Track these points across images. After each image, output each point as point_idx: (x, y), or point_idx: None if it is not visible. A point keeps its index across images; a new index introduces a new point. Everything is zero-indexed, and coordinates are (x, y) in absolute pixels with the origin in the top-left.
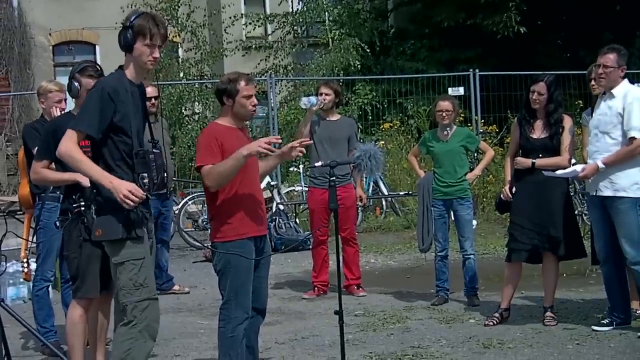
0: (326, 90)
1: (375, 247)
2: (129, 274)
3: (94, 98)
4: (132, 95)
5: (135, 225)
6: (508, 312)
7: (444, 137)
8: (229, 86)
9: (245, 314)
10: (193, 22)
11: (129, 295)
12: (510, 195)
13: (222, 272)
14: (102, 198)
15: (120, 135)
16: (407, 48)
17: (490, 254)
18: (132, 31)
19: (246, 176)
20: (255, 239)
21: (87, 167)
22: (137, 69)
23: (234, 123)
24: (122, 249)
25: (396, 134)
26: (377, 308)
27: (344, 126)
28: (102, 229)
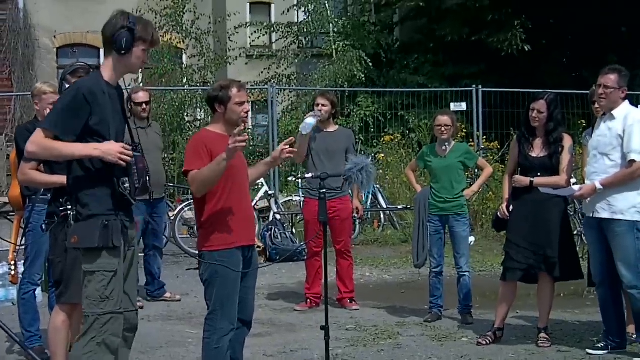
0: (323, 101)
1: (371, 261)
2: (98, 284)
3: (67, 98)
4: (110, 97)
5: (114, 234)
6: (502, 331)
7: (442, 152)
8: (220, 93)
9: (231, 325)
10: (198, 29)
11: (93, 306)
12: (508, 213)
13: (209, 281)
14: (80, 204)
15: (98, 138)
16: (411, 62)
17: (487, 272)
18: (133, 34)
19: (235, 185)
20: (243, 248)
21: (64, 149)
22: (120, 71)
23: (225, 130)
24: (96, 258)
25: (397, 147)
26: (369, 323)
27: (341, 137)
28: (78, 236)
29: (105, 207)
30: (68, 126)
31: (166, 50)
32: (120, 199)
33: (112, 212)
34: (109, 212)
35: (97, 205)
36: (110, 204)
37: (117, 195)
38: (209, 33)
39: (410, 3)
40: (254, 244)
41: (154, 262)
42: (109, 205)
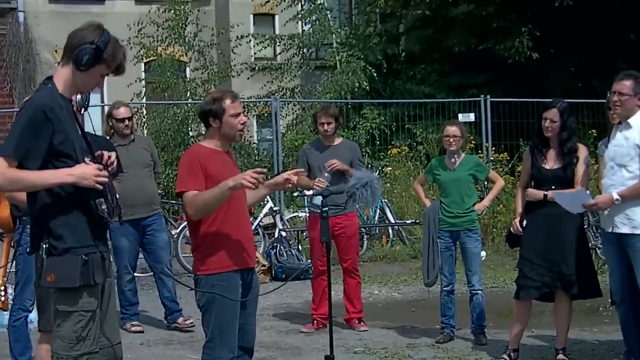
0: (326, 119)
1: (379, 278)
2: (74, 326)
3: (24, 118)
4: (67, 111)
5: (94, 270)
6: (517, 353)
7: (452, 165)
8: (213, 106)
9: (231, 353)
10: (201, 41)
11: (68, 348)
12: (521, 228)
13: (206, 307)
14: (52, 237)
15: (65, 159)
16: (417, 72)
17: (500, 288)
18: (100, 55)
19: (232, 205)
20: (242, 271)
21: (34, 178)
22: (73, 86)
23: (220, 146)
24: (76, 298)
25: (404, 160)
26: (379, 345)
27: (345, 151)
28: (55, 274)
29: (83, 239)
30: (32, 150)
31: (168, 63)
32: (98, 225)
33: (92, 244)
34: (88, 245)
35: (73, 236)
36: (88, 234)
37: (95, 221)
38: (212, 45)
39: (416, 12)
40: (254, 267)
41: (161, 286)
42: (86, 236)
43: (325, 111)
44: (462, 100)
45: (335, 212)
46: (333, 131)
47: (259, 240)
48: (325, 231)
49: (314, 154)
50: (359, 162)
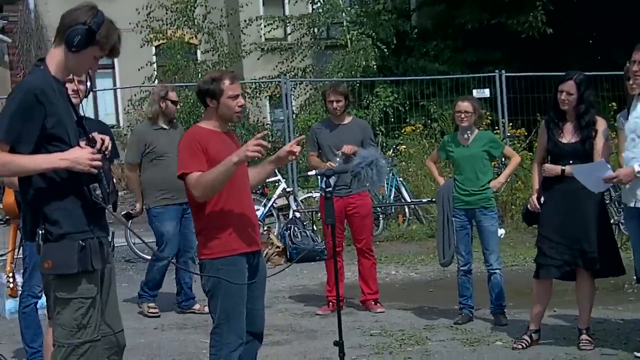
0: (336, 97)
1: (396, 258)
2: (74, 313)
3: (15, 101)
4: (60, 94)
5: (92, 256)
6: (538, 333)
7: (465, 141)
8: (211, 86)
9: (239, 339)
10: (210, 22)
11: (69, 336)
12: (539, 205)
13: (212, 292)
14: (48, 222)
15: (57, 143)
16: (430, 49)
17: (520, 266)
18: (92, 36)
19: (234, 186)
20: (247, 255)
21: (26, 162)
22: (66, 68)
23: (218, 126)
24: (74, 285)
25: (419, 138)
26: (396, 327)
27: (356, 129)
28: (51, 260)
29: (79, 224)
30: (23, 134)
31: (178, 46)
32: (93, 210)
33: (88, 229)
34: (85, 230)
35: (69, 222)
36: (84, 219)
37: (89, 206)
38: (221, 27)
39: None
40: (259, 250)
41: (184, 271)
42: (82, 221)
43: (334, 89)
44: (476, 76)
45: (347, 192)
46: (343, 109)
47: (273, 221)
48: (329, 212)
49: (324, 133)
50: (370, 141)
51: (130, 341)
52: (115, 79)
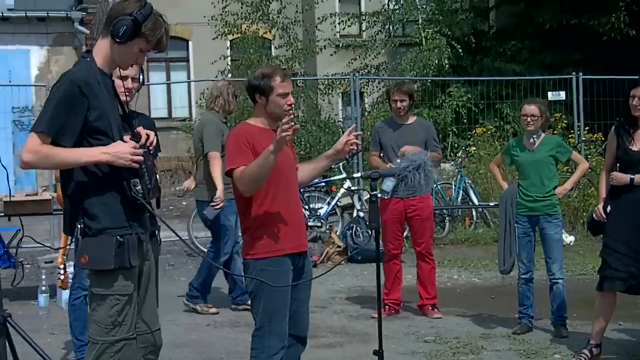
0: (400, 96)
1: (460, 262)
2: (110, 310)
3: (58, 93)
4: (105, 87)
5: (130, 252)
6: (599, 348)
7: (530, 145)
8: (262, 82)
9: (281, 342)
10: (285, 18)
11: (104, 333)
12: (605, 215)
13: (255, 293)
14: (87, 216)
15: (99, 137)
16: (507, 49)
17: (588, 275)
18: (138, 28)
19: (281, 185)
20: (293, 256)
21: (67, 155)
22: (112, 61)
23: (267, 124)
24: (111, 281)
25: (490, 140)
26: (451, 334)
27: (419, 130)
28: (88, 255)
29: (118, 219)
30: (66, 126)
31: (251, 40)
32: (132, 206)
33: (127, 225)
34: (123, 226)
35: (108, 217)
36: (123, 215)
37: (129, 201)
38: (296, 22)
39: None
40: (306, 251)
41: (234, 265)
42: (122, 216)
43: (398, 88)
44: (553, 78)
45: (408, 194)
46: (406, 109)
47: (336, 220)
48: (374, 216)
49: (387, 133)
50: (434, 142)
51: (181, 337)
52: (189, 71)
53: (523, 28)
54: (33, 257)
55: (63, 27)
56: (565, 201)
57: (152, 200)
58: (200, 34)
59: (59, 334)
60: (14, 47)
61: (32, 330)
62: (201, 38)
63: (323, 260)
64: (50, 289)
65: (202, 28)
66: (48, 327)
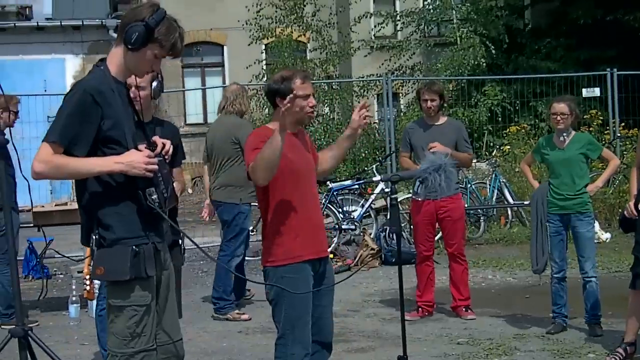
0: (430, 96)
1: (495, 262)
2: (128, 321)
3: (72, 102)
4: (120, 96)
5: (146, 262)
6: (634, 346)
7: (561, 143)
8: (282, 85)
9: (305, 350)
10: (319, 20)
11: (122, 345)
12: (636, 212)
13: (276, 301)
14: (102, 227)
15: (114, 146)
16: (542, 47)
17: (624, 273)
18: (150, 33)
19: (299, 189)
20: (313, 262)
21: (80, 165)
22: (126, 68)
23: (288, 128)
24: (127, 292)
25: (526, 138)
26: (484, 335)
27: (449, 130)
28: (104, 267)
29: (133, 229)
30: (79, 136)
31: (286, 44)
32: (148, 216)
33: (143, 234)
34: (139, 235)
35: (123, 227)
36: (138, 224)
37: (144, 211)
38: (330, 24)
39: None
40: (327, 256)
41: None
42: (137, 226)
43: (429, 87)
44: (588, 75)
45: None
46: (437, 109)
47: (370, 222)
48: (395, 219)
49: (417, 133)
50: (464, 142)
51: (212, 345)
52: (224, 76)
53: (558, 25)
54: (67, 267)
55: (98, 35)
56: (601, 198)
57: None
58: (235, 38)
59: (89, 344)
60: (49, 56)
61: (62, 342)
62: (236, 43)
63: (357, 263)
64: (81, 300)
65: (236, 33)
66: (79, 337)
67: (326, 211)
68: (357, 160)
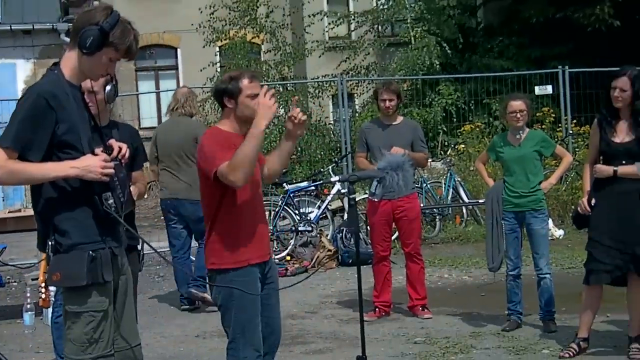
0: (388, 95)
1: (450, 261)
2: (85, 327)
3: (25, 106)
4: (74, 100)
5: (103, 268)
6: (587, 341)
7: (516, 141)
8: (229, 85)
9: (257, 352)
10: (272, 22)
11: (80, 352)
12: (589, 208)
13: (225, 306)
14: (58, 232)
15: (69, 151)
16: (495, 45)
17: (577, 269)
18: (105, 38)
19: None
20: (259, 265)
21: (34, 171)
22: (80, 72)
23: (238, 129)
24: (84, 297)
25: (480, 137)
26: (441, 334)
27: (406, 130)
28: (60, 273)
29: (90, 234)
30: (33, 141)
31: (240, 46)
32: (105, 220)
33: (99, 239)
34: (95, 240)
35: (79, 232)
36: (95, 229)
37: (101, 216)
38: (284, 26)
39: None
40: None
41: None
42: (94, 231)
43: (387, 87)
44: (540, 73)
45: (387, 196)
46: (395, 108)
47: (326, 224)
48: (353, 220)
49: (374, 133)
50: (420, 142)
51: (170, 350)
52: (178, 79)
53: (510, 24)
54: (20, 275)
55: (49, 39)
56: (554, 195)
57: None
58: (188, 41)
59: (44, 352)
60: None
61: (17, 350)
62: (190, 46)
63: (314, 264)
64: (36, 307)
65: (190, 35)
66: (33, 345)
67: (282, 213)
68: (313, 162)
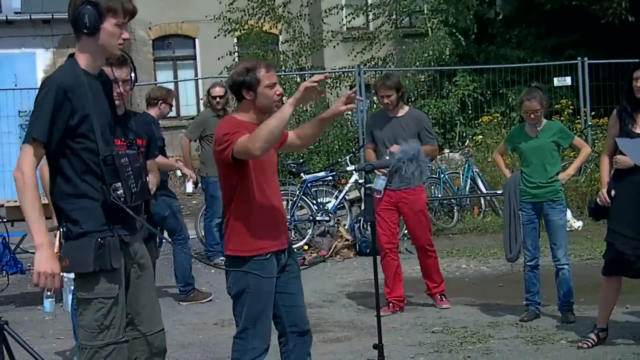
0: (385, 92)
1: (468, 251)
2: (96, 314)
3: (47, 98)
4: (91, 89)
5: (111, 254)
6: (605, 332)
7: (533, 132)
8: (247, 77)
9: (264, 343)
10: (290, 12)
11: (91, 338)
12: (609, 199)
13: (239, 296)
14: (69, 221)
15: (82, 140)
16: (513, 36)
17: (596, 260)
18: (98, 8)
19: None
20: (277, 254)
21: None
22: (97, 55)
23: (256, 119)
24: (93, 284)
25: (497, 127)
26: (459, 323)
27: (411, 122)
28: (69, 259)
29: (97, 222)
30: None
31: (257, 36)
32: (115, 209)
33: (107, 228)
34: (103, 228)
35: (88, 220)
36: (102, 217)
37: (109, 205)
38: (302, 16)
39: None
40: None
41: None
42: (102, 220)
43: (382, 83)
44: (558, 64)
45: (402, 185)
46: (395, 103)
47: (344, 214)
48: (370, 209)
49: (379, 126)
50: (427, 133)
51: (188, 337)
52: (197, 69)
53: (528, 14)
54: None
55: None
56: (573, 186)
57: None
58: (206, 31)
59: (64, 338)
60: (19, 51)
61: (37, 336)
62: (208, 36)
63: (332, 254)
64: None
65: (208, 25)
66: (54, 332)
67: (300, 203)
68: (331, 152)
